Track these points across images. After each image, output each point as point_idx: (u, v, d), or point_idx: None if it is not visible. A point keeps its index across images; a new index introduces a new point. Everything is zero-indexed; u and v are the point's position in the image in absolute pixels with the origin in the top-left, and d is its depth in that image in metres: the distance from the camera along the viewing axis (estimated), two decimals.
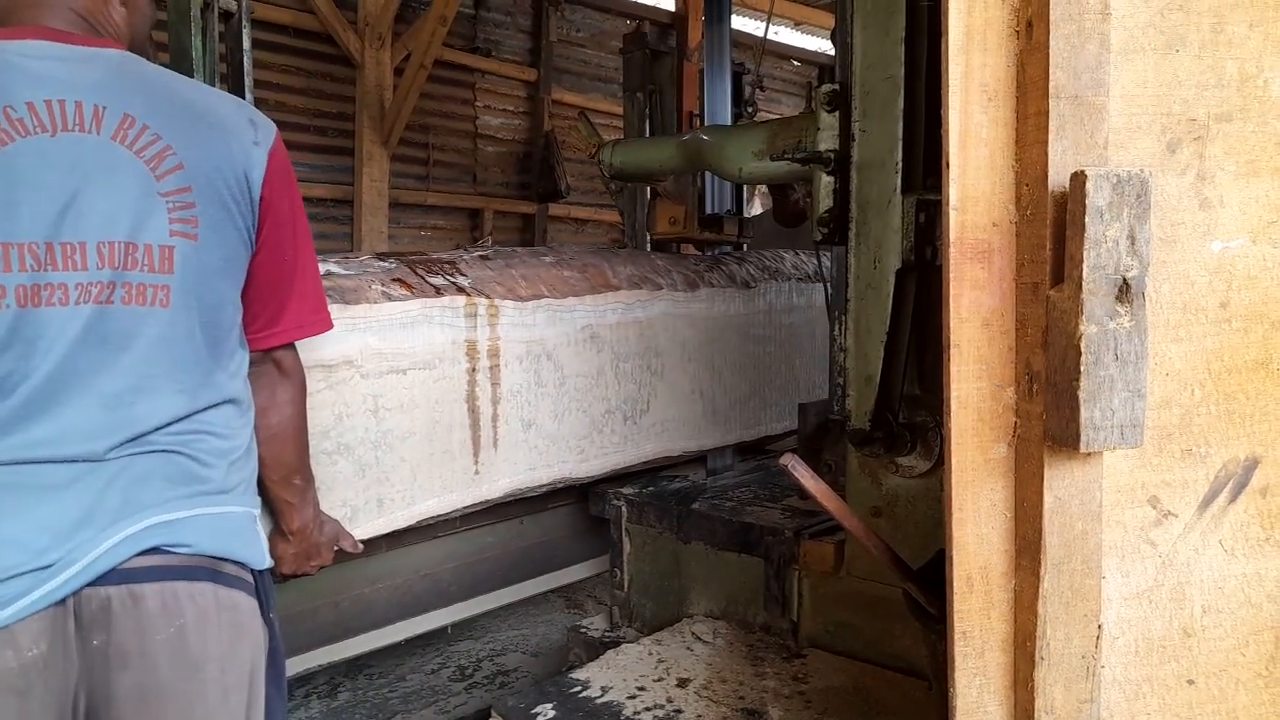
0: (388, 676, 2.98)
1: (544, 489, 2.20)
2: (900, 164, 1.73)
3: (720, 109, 3.01)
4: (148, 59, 1.29)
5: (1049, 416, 0.98)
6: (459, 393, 1.94)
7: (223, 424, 1.22)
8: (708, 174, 2.79)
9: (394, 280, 1.86)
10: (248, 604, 1.21)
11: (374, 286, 1.80)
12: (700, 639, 2.06)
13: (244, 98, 2.31)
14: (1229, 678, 1.09)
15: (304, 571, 1.56)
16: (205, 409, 1.20)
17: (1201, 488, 1.07)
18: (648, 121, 3.18)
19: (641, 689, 1.82)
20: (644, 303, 2.38)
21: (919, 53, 1.70)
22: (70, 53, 1.14)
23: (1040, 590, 1.01)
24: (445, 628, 2.40)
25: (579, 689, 1.82)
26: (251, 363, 1.30)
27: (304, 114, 6.11)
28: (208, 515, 1.18)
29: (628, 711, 1.72)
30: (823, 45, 8.92)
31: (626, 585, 2.45)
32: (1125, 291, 0.94)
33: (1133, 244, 0.93)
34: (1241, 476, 1.07)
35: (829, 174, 1.87)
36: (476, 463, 1.99)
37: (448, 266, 2.02)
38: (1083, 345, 0.93)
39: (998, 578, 1.04)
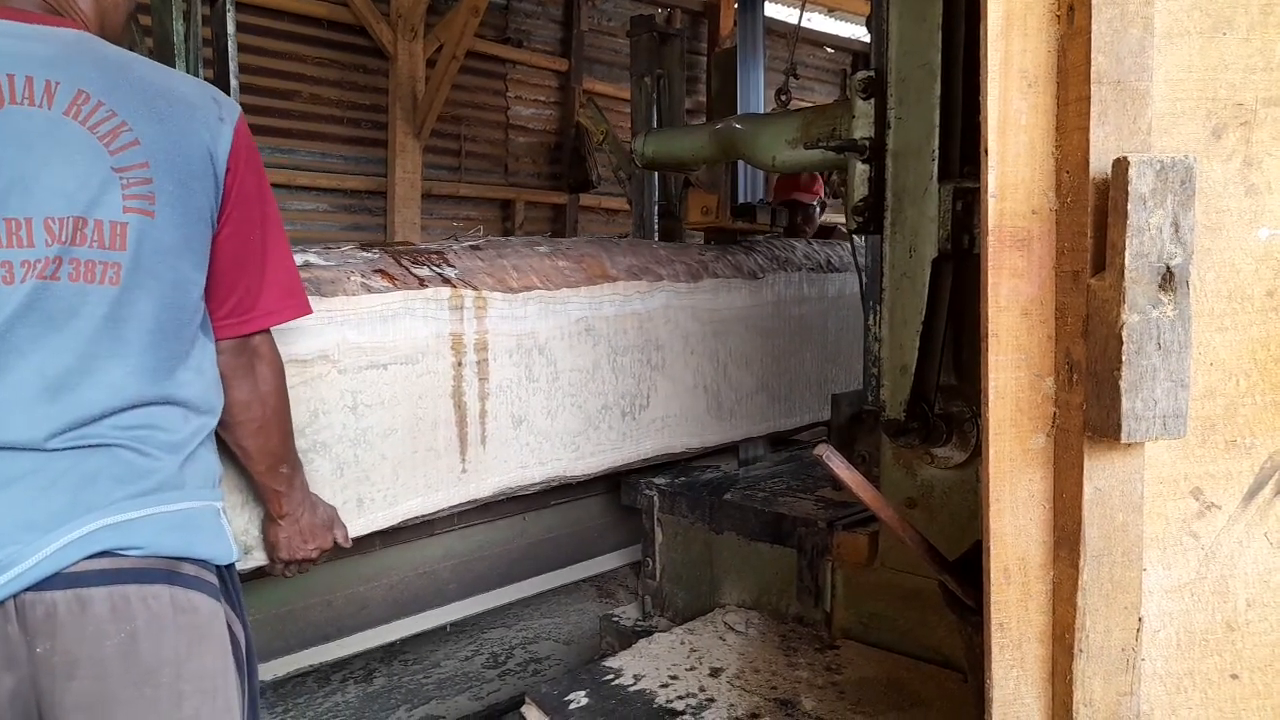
0: (422, 663, 3.03)
1: (537, 487, 2.13)
2: (937, 151, 1.71)
3: (753, 97, 2.99)
4: (125, 45, 1.26)
5: (1089, 407, 0.97)
6: (444, 388, 1.86)
7: (178, 421, 1.16)
8: (739, 163, 2.77)
9: (375, 271, 1.79)
10: (208, 605, 1.16)
11: (353, 278, 1.74)
12: (733, 629, 2.07)
13: (229, 83, 2.26)
14: (1275, 672, 1.07)
15: (302, 556, 1.52)
16: (159, 402, 1.14)
17: (1246, 479, 1.05)
18: (655, 107, 3.10)
19: (674, 678, 1.82)
20: (643, 294, 2.30)
21: (956, 39, 1.68)
22: (24, 30, 1.11)
23: (1079, 582, 0.99)
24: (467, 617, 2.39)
25: (612, 677, 1.83)
26: (228, 352, 1.26)
27: (338, 106, 6.17)
28: (163, 514, 1.13)
29: (660, 700, 1.73)
30: (857, 31, 8.81)
31: (659, 575, 2.46)
32: (1169, 280, 0.92)
33: (1176, 231, 0.92)
34: None
35: (864, 162, 1.85)
36: (464, 461, 1.92)
37: (435, 257, 1.95)
38: (1124, 334, 0.91)
39: (1035, 569, 1.03)
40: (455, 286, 1.88)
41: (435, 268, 1.90)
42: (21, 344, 1.05)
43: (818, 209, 3.75)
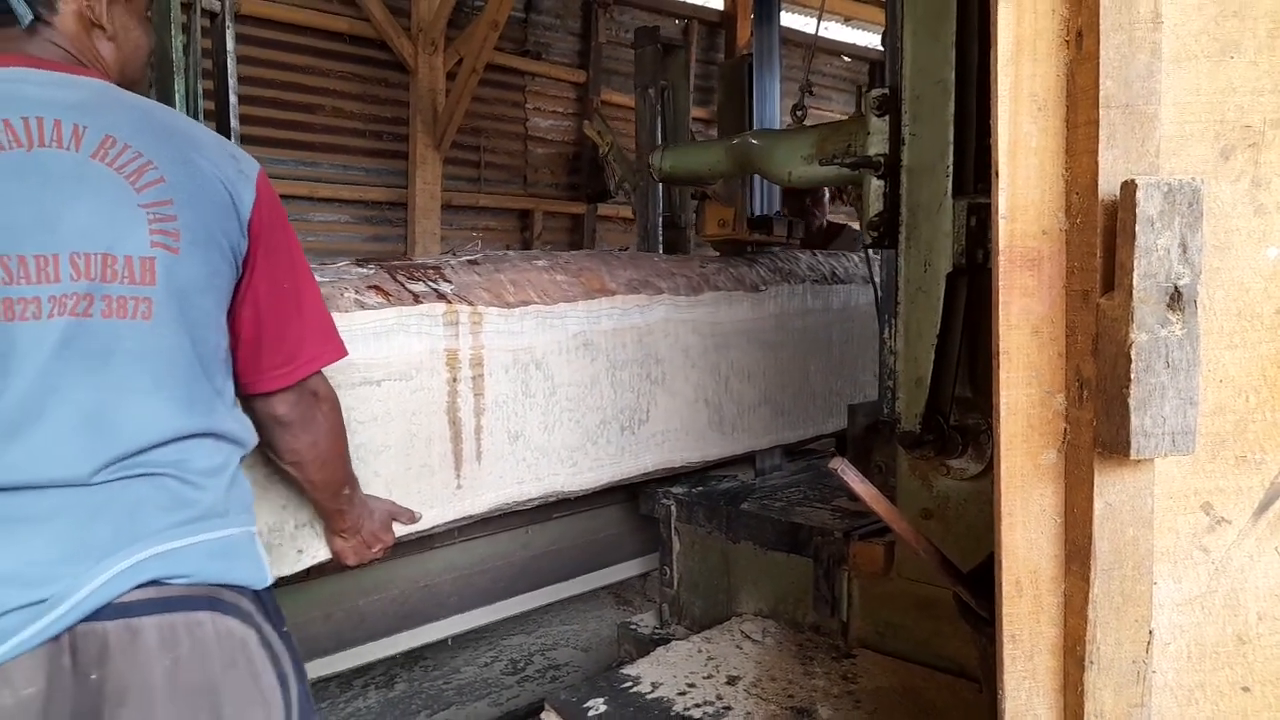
0: (442, 669, 3.06)
1: (534, 503, 2.11)
2: (951, 168, 1.74)
3: (769, 111, 3.02)
4: (141, 92, 1.28)
5: (1099, 423, 0.99)
6: (439, 404, 1.85)
7: (215, 451, 1.18)
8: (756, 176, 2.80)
9: (370, 288, 1.78)
10: (241, 630, 1.17)
11: (346, 294, 1.73)
12: (749, 637, 2.09)
13: (228, 99, 2.27)
14: None
15: (370, 559, 1.62)
16: (198, 434, 1.16)
17: (1257, 494, 1.06)
18: (660, 119, 3.09)
19: (691, 685, 1.85)
20: (642, 308, 2.27)
21: (969, 56, 1.70)
22: (51, 78, 1.13)
23: (1090, 595, 1.01)
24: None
25: (630, 684, 1.86)
26: (290, 400, 1.29)
27: (359, 119, 6.26)
28: (207, 541, 1.15)
29: (678, 707, 1.75)
30: (873, 41, 8.83)
31: (676, 583, 2.49)
32: (1177, 299, 0.94)
33: (1184, 252, 0.94)
34: None
35: (879, 178, 1.87)
36: (458, 477, 1.90)
37: (431, 272, 1.94)
38: (1133, 353, 0.93)
39: (1047, 582, 1.05)
40: (450, 302, 1.87)
41: (431, 283, 1.90)
42: (59, 382, 1.06)
43: (826, 195, 3.76)
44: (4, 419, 1.04)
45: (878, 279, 2.10)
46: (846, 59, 9.15)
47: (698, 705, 1.76)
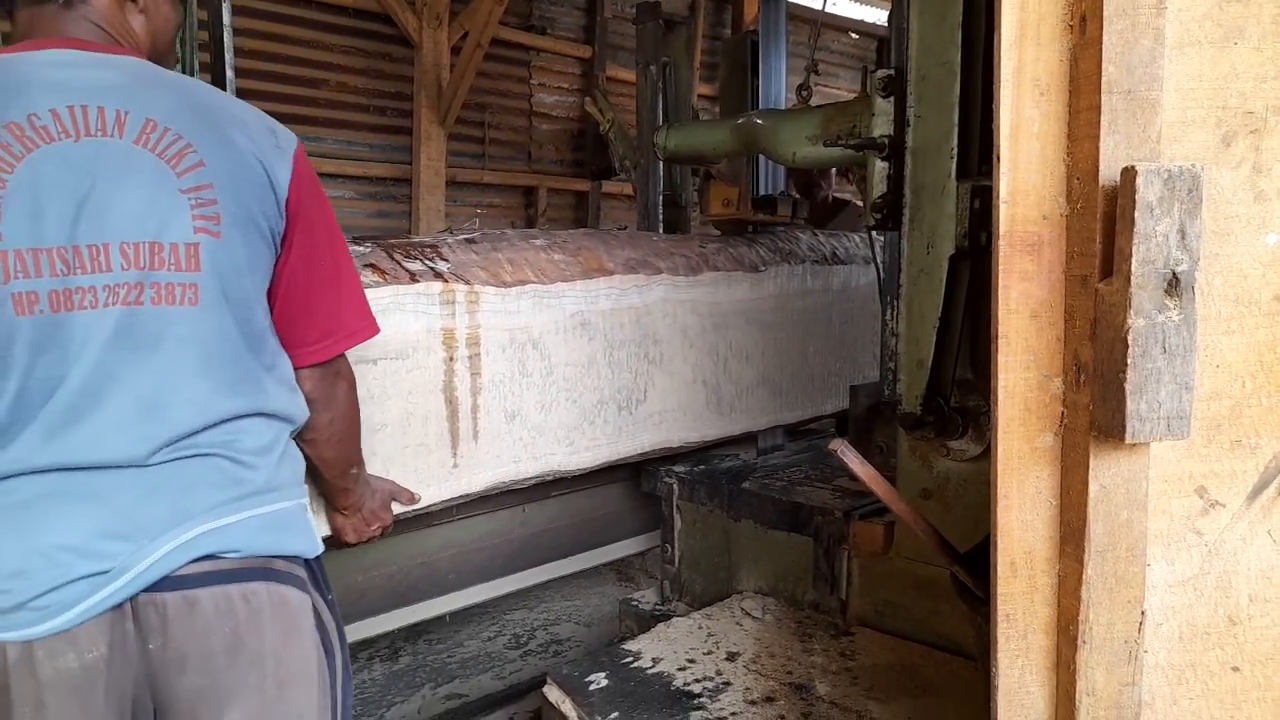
0: (446, 643, 3.10)
1: (530, 482, 2.13)
2: (955, 150, 1.73)
3: (775, 88, 3.00)
4: (169, 66, 1.30)
5: (1096, 407, 1.00)
6: (435, 383, 1.86)
7: (265, 429, 1.22)
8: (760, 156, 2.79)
9: (366, 266, 1.78)
10: (297, 598, 1.23)
11: None
12: (749, 614, 2.11)
13: (224, 74, 2.25)
14: (1275, 665, 1.10)
15: (369, 536, 1.64)
16: (248, 415, 1.20)
17: (1251, 478, 1.08)
18: (661, 96, 3.04)
19: (691, 661, 1.87)
20: (640, 288, 2.27)
21: (976, 38, 1.69)
22: (91, 59, 1.15)
23: (1084, 576, 1.03)
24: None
25: (631, 659, 1.89)
26: (317, 376, 1.31)
27: (363, 94, 6.24)
28: (258, 516, 1.20)
29: (678, 682, 1.78)
30: (881, 18, 8.75)
31: (677, 560, 2.51)
32: (1174, 285, 0.95)
33: (1183, 238, 0.94)
34: None
35: (883, 159, 1.87)
36: (455, 455, 1.92)
37: (428, 251, 1.94)
38: (1130, 338, 0.94)
39: (1041, 563, 1.07)
40: (447, 281, 1.87)
41: (428, 262, 1.89)
42: (116, 370, 1.11)
43: (833, 169, 3.75)
44: (67, 404, 1.09)
45: (880, 261, 2.10)
46: (854, 35, 9.08)
47: (697, 680, 1.79)
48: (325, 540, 1.66)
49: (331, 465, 1.44)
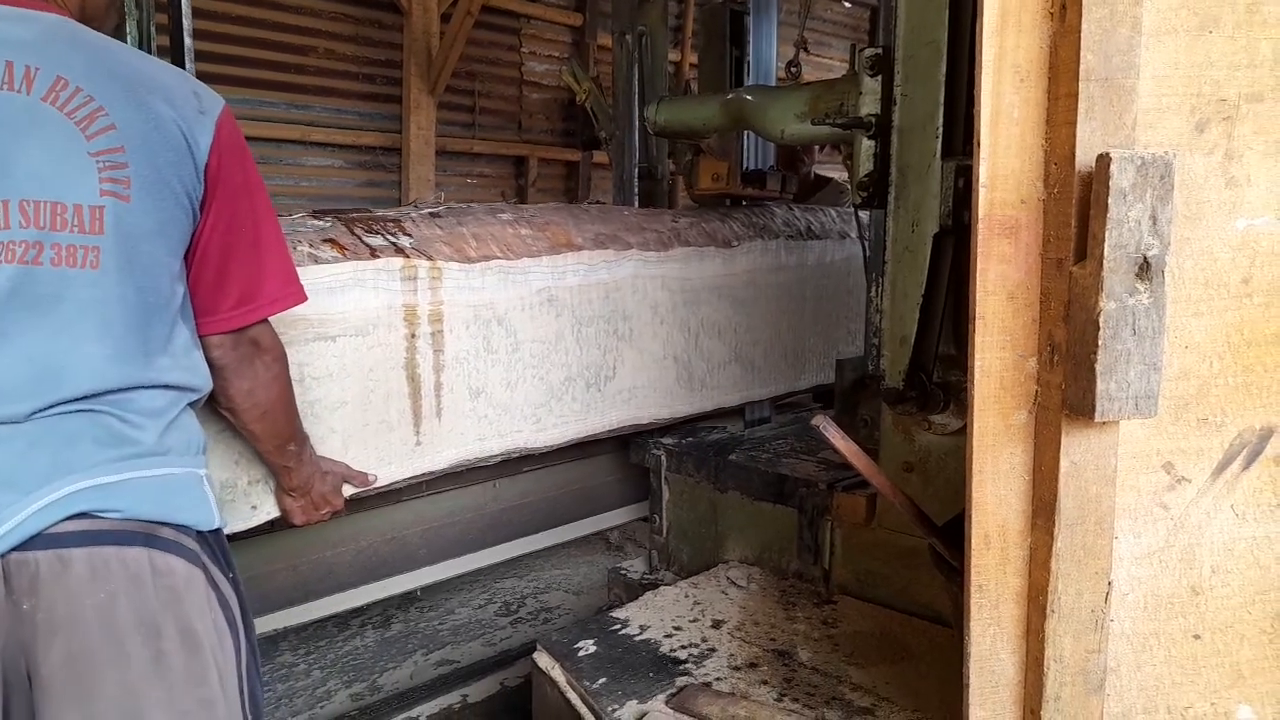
0: (438, 610, 3.15)
1: (495, 459, 2.09)
2: (941, 129, 1.76)
3: (766, 61, 3.00)
4: (104, 29, 1.25)
5: (1068, 386, 1.03)
6: (396, 360, 1.82)
7: (159, 396, 1.18)
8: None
9: (325, 241, 1.73)
10: (184, 569, 1.16)
11: (300, 248, 1.68)
12: (735, 583, 2.16)
13: (183, 41, 2.16)
14: (1234, 633, 1.15)
15: (318, 519, 1.62)
16: (146, 386, 1.15)
17: (1216, 455, 1.12)
18: (636, 66, 2.99)
19: (678, 628, 1.92)
20: (610, 263, 2.23)
21: (963, 19, 1.71)
22: (7, 12, 1.12)
23: (1054, 548, 1.07)
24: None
25: (619, 627, 1.93)
26: (228, 344, 1.28)
27: (352, 62, 6.17)
28: (142, 479, 1.14)
29: (664, 649, 1.83)
30: None
31: (665, 531, 2.56)
32: (1145, 270, 0.98)
33: (1154, 224, 0.97)
34: (1256, 445, 1.12)
35: (870, 138, 1.89)
36: (418, 433, 1.89)
37: (390, 225, 1.89)
38: (1101, 320, 0.98)
39: (1014, 536, 1.11)
40: (409, 256, 1.83)
41: (390, 237, 1.85)
42: (7, 328, 1.07)
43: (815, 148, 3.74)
44: None
45: (866, 238, 2.13)
46: (847, 4, 9.02)
47: (684, 647, 1.84)
48: (276, 521, 1.65)
49: (262, 439, 1.42)
